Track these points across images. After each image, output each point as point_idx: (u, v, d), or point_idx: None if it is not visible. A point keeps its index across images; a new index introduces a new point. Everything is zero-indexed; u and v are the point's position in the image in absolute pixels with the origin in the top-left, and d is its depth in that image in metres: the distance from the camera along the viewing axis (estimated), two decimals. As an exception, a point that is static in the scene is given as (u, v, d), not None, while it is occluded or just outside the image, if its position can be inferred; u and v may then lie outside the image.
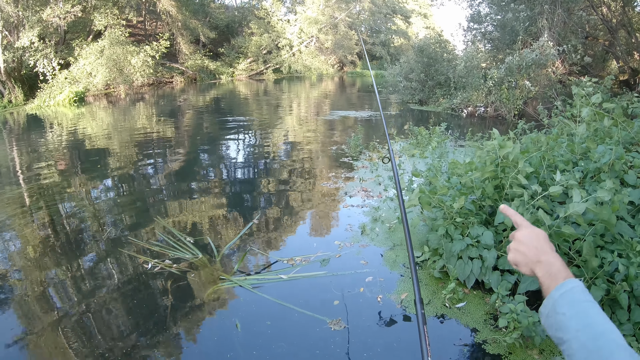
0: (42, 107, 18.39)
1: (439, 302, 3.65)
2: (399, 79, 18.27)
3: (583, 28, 14.88)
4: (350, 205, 6.05)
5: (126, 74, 22.55)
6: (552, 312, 0.92)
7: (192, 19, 29.38)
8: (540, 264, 1.00)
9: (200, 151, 10.19)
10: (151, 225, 5.49)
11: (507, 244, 3.69)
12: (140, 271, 4.35)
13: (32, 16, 19.09)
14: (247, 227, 5.32)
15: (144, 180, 7.70)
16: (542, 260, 1.00)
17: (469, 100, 14.44)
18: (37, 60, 19.49)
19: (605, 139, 4.36)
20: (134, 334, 3.40)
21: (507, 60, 12.77)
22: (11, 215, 5.93)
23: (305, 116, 15.75)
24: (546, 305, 0.96)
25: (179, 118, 15.43)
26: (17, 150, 10.38)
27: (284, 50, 35.96)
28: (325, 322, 3.48)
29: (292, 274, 4.21)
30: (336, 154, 9.00)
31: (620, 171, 3.75)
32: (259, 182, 7.56)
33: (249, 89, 26.23)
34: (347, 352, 3.15)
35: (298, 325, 3.48)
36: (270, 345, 3.22)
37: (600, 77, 13.98)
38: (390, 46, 45.11)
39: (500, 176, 3.97)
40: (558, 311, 0.91)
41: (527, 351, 3.01)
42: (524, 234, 1.07)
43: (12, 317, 3.66)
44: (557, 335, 0.90)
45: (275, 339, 3.29)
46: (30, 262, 4.61)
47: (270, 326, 3.45)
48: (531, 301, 3.52)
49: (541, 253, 1.01)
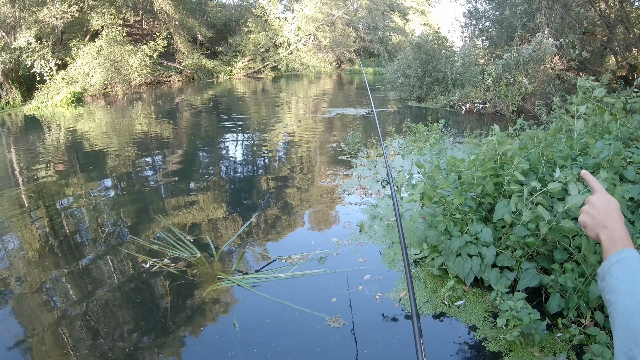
0: (39, 107, 18.35)
1: (438, 300, 3.63)
2: (396, 75, 18.22)
3: (581, 24, 14.85)
4: (348, 203, 6.03)
5: (124, 74, 22.50)
6: (607, 275, 0.98)
7: (189, 17, 29.31)
8: (606, 229, 1.05)
9: (199, 150, 10.16)
10: (150, 224, 5.48)
11: (506, 241, 3.68)
12: (139, 271, 4.33)
13: (29, 17, 19.02)
14: (245, 226, 5.30)
15: (142, 180, 7.68)
16: (608, 226, 1.05)
17: (467, 96, 14.40)
18: (35, 61, 19.42)
19: (604, 135, 4.34)
20: (133, 334, 3.39)
21: (505, 57, 12.75)
22: (10, 216, 5.91)
23: (303, 114, 15.72)
24: (603, 268, 1.01)
25: (177, 117, 15.40)
26: (15, 151, 10.35)
27: (281, 48, 35.89)
28: (324, 319, 3.47)
29: (290, 272, 4.19)
30: (334, 152, 8.98)
31: (619, 167, 3.73)
32: (257, 180, 7.54)
33: (247, 88, 26.18)
34: (347, 349, 3.14)
35: (297, 323, 3.47)
36: (270, 343, 3.20)
37: (598, 73, 13.98)
38: (388, 43, 45.10)
39: (499, 173, 3.95)
40: (612, 275, 0.96)
41: (528, 348, 3.00)
42: (598, 198, 1.11)
43: (12, 316, 3.65)
44: (606, 298, 0.96)
45: (275, 336, 3.28)
46: (29, 262, 4.59)
47: (269, 324, 3.44)
48: (531, 298, 3.51)
49: (609, 219, 1.06)
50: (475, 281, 3.76)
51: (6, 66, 18.83)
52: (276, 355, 3.09)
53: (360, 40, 43.62)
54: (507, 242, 3.63)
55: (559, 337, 3.10)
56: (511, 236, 3.55)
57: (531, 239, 3.41)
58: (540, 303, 3.50)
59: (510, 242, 3.60)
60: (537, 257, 3.60)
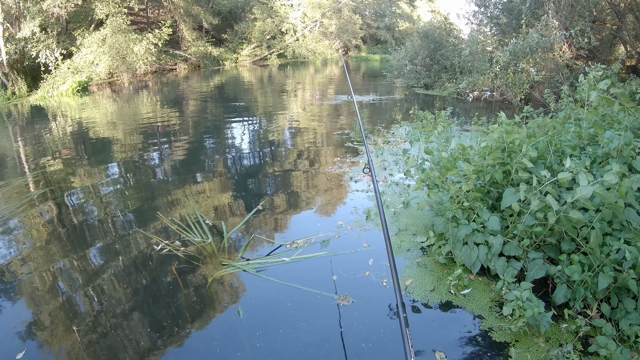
0: (45, 97, 18.35)
1: (444, 288, 3.63)
2: (404, 62, 18.07)
3: (590, 12, 14.63)
4: (355, 190, 6.03)
5: (129, 62, 22.44)
6: None
7: (195, 5, 29.12)
8: None
9: (206, 138, 10.14)
10: (177, 206, 5.50)
11: (513, 230, 3.66)
12: (150, 253, 4.40)
13: (33, 7, 18.96)
14: (252, 213, 5.35)
15: (148, 168, 7.69)
16: None
17: (474, 84, 14.28)
18: (40, 51, 19.39)
19: (614, 125, 4.30)
20: (139, 317, 3.43)
21: (512, 43, 12.61)
22: (30, 199, 5.95)
23: (309, 101, 15.66)
24: None
25: (183, 105, 15.37)
26: (23, 141, 10.39)
27: (287, 35, 35.66)
28: (333, 298, 3.57)
29: (294, 256, 4.22)
30: (341, 139, 8.94)
31: (629, 157, 3.69)
32: (264, 167, 7.53)
33: (253, 75, 26.08)
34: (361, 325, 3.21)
35: (309, 303, 3.56)
36: (294, 324, 3.29)
37: (607, 62, 13.81)
38: (395, 30, 44.70)
39: (507, 161, 3.92)
40: None
41: (533, 339, 2.99)
42: None
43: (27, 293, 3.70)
44: None
45: (296, 318, 3.37)
46: (50, 241, 4.64)
47: (288, 307, 3.51)
48: (537, 288, 3.50)
49: None
50: (482, 270, 3.75)
51: (11, 57, 18.80)
52: (298, 333, 3.16)
53: (367, 27, 43.28)
54: (515, 231, 3.61)
55: (565, 328, 3.09)
56: (519, 225, 3.53)
57: (539, 229, 3.39)
58: (546, 293, 3.49)
59: (517, 231, 3.58)
60: (544, 246, 3.58)
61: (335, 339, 3.13)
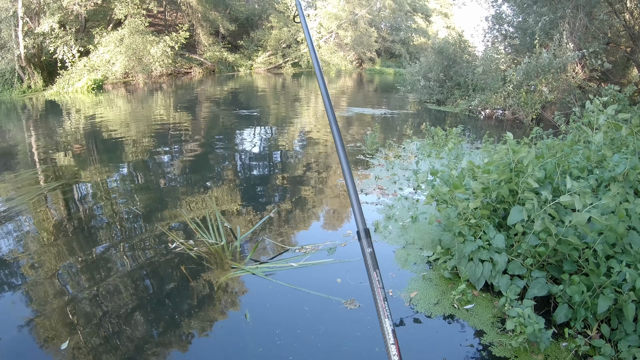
0: (60, 93, 18.65)
1: (448, 302, 3.70)
2: (417, 77, 18.19)
3: (605, 34, 14.70)
4: (364, 202, 6.10)
5: (145, 64, 22.75)
6: None
7: (212, 10, 29.52)
8: None
9: (218, 143, 10.28)
10: (203, 209, 5.61)
11: (517, 249, 3.73)
12: (163, 251, 4.52)
13: (53, 3, 19.33)
14: (264, 219, 5.47)
15: (159, 169, 7.84)
16: None
17: (487, 102, 14.35)
18: (57, 47, 19.75)
19: (622, 148, 4.36)
20: (147, 316, 3.53)
21: (524, 62, 12.68)
22: (49, 191, 6.09)
23: (322, 111, 15.77)
24: None
25: (196, 109, 15.56)
26: (38, 135, 10.58)
27: (303, 44, 35.95)
28: (340, 302, 3.69)
29: (302, 262, 4.32)
30: (352, 151, 9.04)
31: (635, 181, 3.75)
32: (275, 175, 7.65)
33: (267, 82, 26.32)
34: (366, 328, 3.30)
35: (316, 306, 3.68)
36: (302, 326, 3.34)
37: (620, 84, 13.81)
38: (410, 44, 44.94)
39: (514, 180, 4.00)
40: None
41: (533, 355, 3.06)
42: None
43: (39, 284, 3.81)
44: None
45: (304, 320, 3.47)
46: (69, 233, 4.77)
47: (297, 310, 3.62)
48: (539, 306, 3.56)
49: None
50: (486, 286, 3.81)
51: (29, 51, 19.15)
52: (314, 335, 3.23)
53: (382, 40, 43.54)
54: (519, 249, 3.68)
55: (564, 347, 3.15)
56: (523, 244, 3.60)
57: (542, 249, 3.46)
58: (548, 312, 3.55)
59: (522, 250, 3.65)
60: (547, 266, 3.65)
61: (344, 342, 3.22)
